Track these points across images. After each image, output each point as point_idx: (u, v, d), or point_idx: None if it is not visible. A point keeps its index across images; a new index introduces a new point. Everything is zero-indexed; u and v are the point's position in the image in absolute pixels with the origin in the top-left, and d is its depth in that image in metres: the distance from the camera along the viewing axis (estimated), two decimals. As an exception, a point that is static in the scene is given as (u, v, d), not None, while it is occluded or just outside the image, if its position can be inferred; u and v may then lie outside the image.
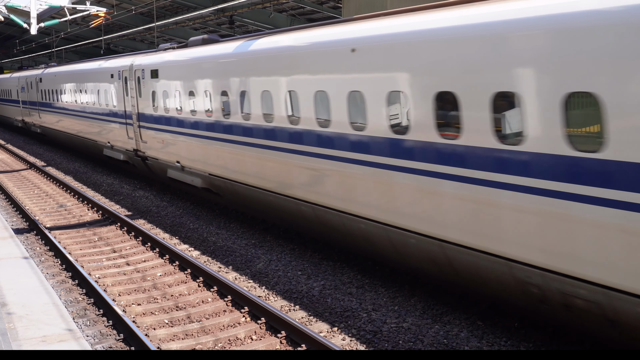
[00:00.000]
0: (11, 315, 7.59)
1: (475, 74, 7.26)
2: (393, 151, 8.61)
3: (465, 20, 7.54)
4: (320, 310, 9.08)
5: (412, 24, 8.38)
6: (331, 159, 9.84)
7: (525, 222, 6.84)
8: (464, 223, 7.60)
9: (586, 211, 6.18)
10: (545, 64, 6.43)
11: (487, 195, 7.22)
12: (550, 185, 6.49)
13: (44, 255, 12.28)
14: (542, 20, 6.52)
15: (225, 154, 13.21)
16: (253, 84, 11.75)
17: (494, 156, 7.08)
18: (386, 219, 8.92)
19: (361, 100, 9.07)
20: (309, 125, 10.26)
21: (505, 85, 6.88)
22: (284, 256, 11.59)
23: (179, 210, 15.78)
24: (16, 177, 22.36)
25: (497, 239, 7.23)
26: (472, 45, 7.29)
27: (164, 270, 11.14)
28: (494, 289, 7.75)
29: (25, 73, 34.26)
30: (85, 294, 10.05)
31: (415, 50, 8.09)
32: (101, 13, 23.62)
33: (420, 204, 8.24)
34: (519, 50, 6.71)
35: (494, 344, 7.74)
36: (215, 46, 13.89)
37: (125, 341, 8.26)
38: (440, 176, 7.85)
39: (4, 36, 55.13)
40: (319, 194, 10.32)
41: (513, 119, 6.90)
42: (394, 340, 8.00)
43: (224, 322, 8.82)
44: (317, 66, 10.00)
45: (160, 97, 16.12)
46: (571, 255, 6.42)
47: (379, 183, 8.94)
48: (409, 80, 8.25)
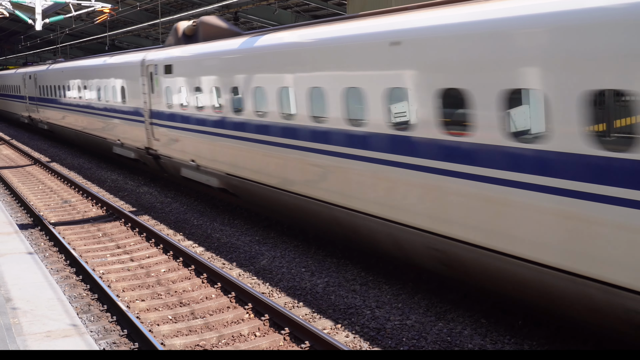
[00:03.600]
0: (16, 311, 7.62)
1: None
2: (444, 154, 7.82)
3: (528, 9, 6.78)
4: (324, 307, 9.09)
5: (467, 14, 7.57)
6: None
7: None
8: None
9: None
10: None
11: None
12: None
13: (48, 250, 12.31)
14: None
15: (258, 155, 12.12)
16: (299, 80, 10.51)
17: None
18: (432, 227, 8.25)
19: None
20: (373, 127, 9.00)
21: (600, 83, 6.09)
22: (287, 253, 11.60)
23: (183, 207, 15.80)
24: (21, 173, 22.41)
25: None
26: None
27: (168, 267, 11.16)
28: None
29: (32, 69, 33.80)
30: (89, 289, 10.08)
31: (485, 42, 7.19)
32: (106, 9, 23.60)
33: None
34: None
35: (497, 342, 7.73)
36: (228, 41, 13.34)
37: (129, 337, 8.28)
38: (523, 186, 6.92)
39: (9, 32, 55.23)
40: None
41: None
42: (397, 338, 8.00)
43: (227, 319, 8.83)
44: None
45: (176, 93, 15.43)
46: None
47: (429, 189, 8.12)
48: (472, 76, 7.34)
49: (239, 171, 12.90)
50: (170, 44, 16.66)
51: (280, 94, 11.05)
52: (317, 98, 10.11)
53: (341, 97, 9.48)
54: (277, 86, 11.11)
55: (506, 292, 7.70)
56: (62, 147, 29.50)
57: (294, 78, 10.65)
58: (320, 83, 9.95)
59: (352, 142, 9.41)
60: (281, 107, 11.09)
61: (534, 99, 7.09)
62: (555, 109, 6.39)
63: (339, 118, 9.61)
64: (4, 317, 7.34)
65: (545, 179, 6.55)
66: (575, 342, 7.55)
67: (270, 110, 11.40)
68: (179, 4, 32.54)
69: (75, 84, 24.43)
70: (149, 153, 17.80)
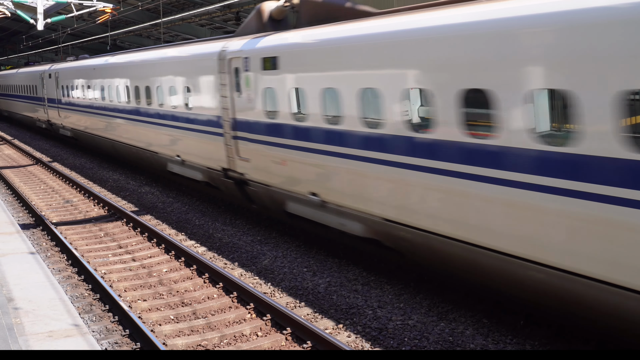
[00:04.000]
0: (18, 310, 7.62)
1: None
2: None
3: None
4: (325, 307, 9.09)
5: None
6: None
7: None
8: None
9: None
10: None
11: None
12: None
13: (50, 250, 12.32)
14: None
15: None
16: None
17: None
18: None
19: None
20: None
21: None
22: (289, 253, 11.60)
23: (185, 207, 15.81)
24: (22, 173, 22.43)
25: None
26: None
27: (169, 267, 11.17)
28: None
29: (53, 66, 28.88)
30: (91, 289, 10.08)
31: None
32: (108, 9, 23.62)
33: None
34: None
35: (499, 342, 7.73)
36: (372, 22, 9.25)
37: (131, 337, 8.28)
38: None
39: (10, 32, 55.25)
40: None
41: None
42: (399, 338, 8.00)
43: (229, 319, 8.83)
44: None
45: (284, 97, 10.94)
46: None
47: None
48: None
49: (410, 217, 8.61)
50: (248, 32, 12.99)
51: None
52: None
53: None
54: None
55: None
56: (64, 147, 29.51)
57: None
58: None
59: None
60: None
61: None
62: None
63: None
64: (6, 317, 7.35)
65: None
66: (577, 342, 7.54)
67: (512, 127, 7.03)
68: (181, 3, 32.53)
69: (109, 84, 20.30)
70: (229, 176, 13.35)
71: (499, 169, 7.14)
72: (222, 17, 32.64)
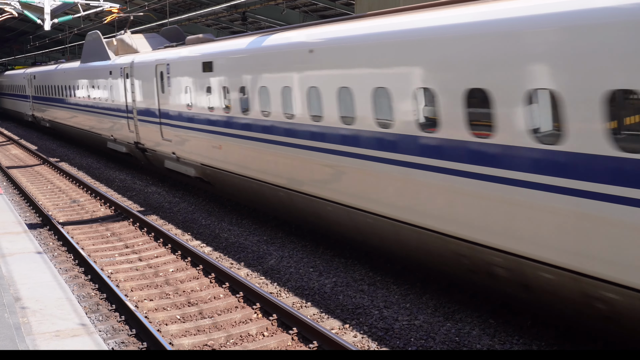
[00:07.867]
0: (25, 310, 7.65)
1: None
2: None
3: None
4: (332, 307, 9.09)
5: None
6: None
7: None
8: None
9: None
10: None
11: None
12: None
13: (57, 250, 12.36)
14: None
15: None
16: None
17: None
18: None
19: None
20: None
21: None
22: (295, 253, 11.60)
23: (191, 207, 15.83)
24: (29, 173, 22.50)
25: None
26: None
27: (176, 266, 11.18)
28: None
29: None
30: (98, 289, 10.11)
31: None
32: (114, 9, 23.64)
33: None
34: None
35: (506, 342, 7.71)
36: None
37: (137, 336, 8.29)
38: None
39: (17, 32, 55.45)
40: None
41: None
42: (405, 338, 7.99)
43: (235, 319, 8.84)
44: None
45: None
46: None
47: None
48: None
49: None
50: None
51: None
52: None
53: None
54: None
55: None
56: (70, 147, 29.60)
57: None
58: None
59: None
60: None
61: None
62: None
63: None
64: (13, 316, 7.38)
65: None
66: (584, 342, 7.52)
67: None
68: (187, 4, 32.57)
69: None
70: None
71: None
72: (229, 17, 32.67)
